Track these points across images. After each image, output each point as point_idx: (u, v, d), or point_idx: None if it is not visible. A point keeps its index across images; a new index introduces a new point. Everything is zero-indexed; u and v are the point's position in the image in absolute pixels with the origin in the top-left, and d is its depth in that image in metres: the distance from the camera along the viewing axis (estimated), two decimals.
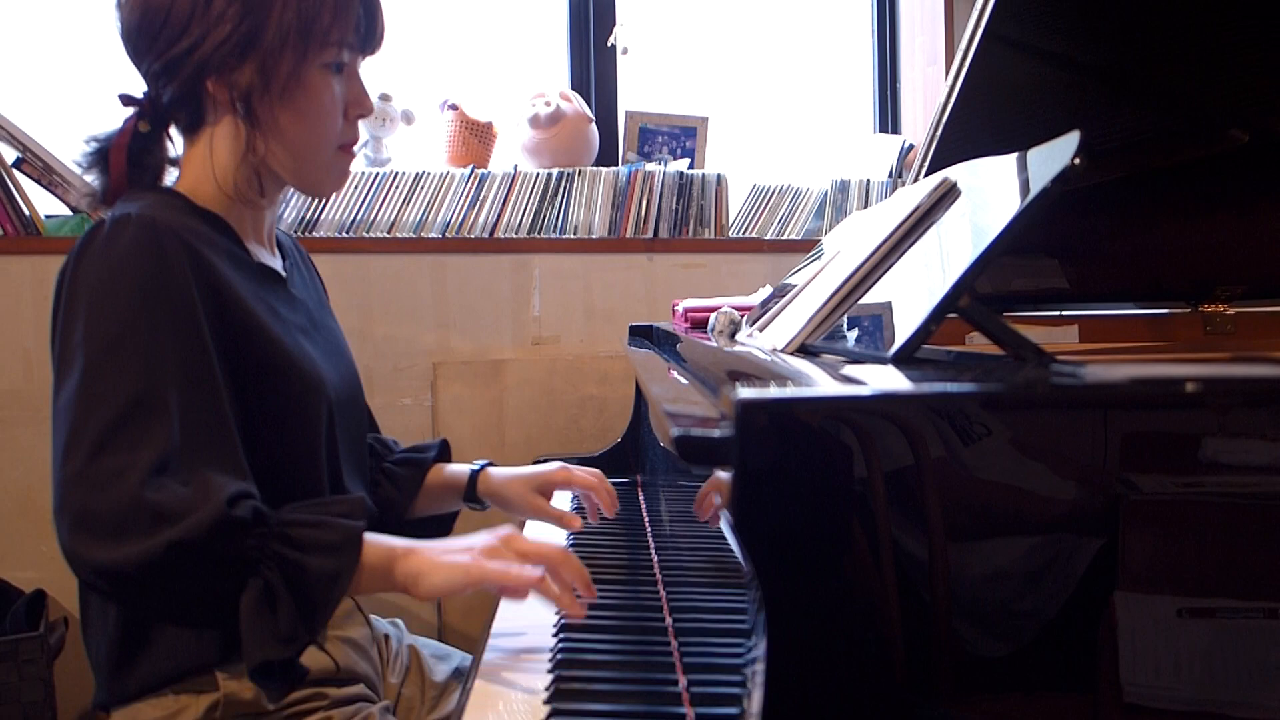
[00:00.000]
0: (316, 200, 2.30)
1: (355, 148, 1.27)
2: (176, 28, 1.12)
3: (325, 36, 1.15)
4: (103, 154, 1.21)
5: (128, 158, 1.20)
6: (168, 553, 0.93)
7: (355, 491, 1.28)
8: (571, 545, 1.45)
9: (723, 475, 0.63)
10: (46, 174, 2.11)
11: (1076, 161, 0.77)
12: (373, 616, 1.39)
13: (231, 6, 1.11)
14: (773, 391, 0.60)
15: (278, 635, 0.96)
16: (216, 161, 1.19)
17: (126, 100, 1.21)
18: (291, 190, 1.29)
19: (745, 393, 0.59)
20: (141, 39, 1.15)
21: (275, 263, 1.29)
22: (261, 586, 0.97)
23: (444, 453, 1.56)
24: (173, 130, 1.24)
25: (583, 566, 1.07)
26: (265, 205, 1.26)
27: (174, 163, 1.24)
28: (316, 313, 1.34)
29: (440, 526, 1.55)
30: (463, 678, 1.39)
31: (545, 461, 1.65)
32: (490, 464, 1.53)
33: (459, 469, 1.53)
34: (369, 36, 1.22)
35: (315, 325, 1.31)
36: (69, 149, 2.13)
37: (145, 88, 1.20)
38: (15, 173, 2.11)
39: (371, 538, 1.06)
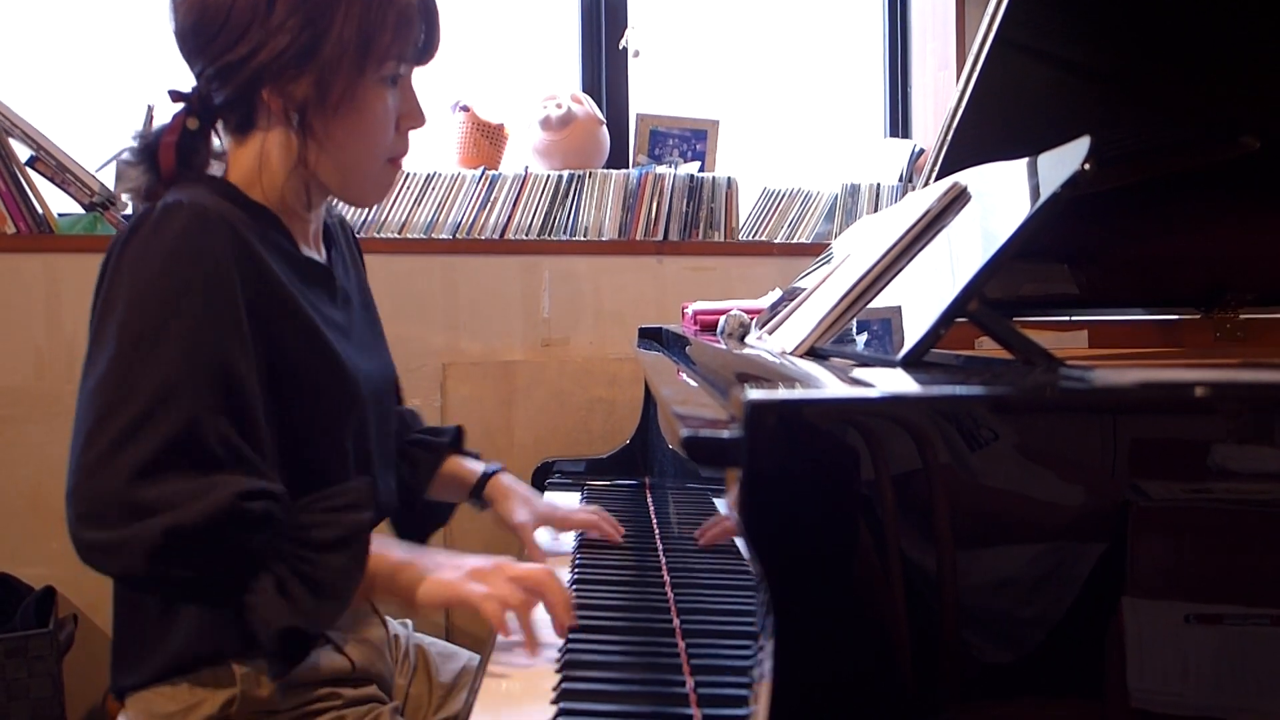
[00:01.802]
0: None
1: (402, 160, 1.25)
2: (234, 33, 1.09)
3: (385, 52, 1.13)
4: (150, 150, 1.19)
5: (176, 151, 1.17)
6: (165, 538, 0.93)
7: (386, 484, 1.30)
8: (581, 547, 1.45)
9: (731, 481, 0.63)
10: (59, 172, 2.12)
11: (1086, 167, 0.77)
12: (388, 619, 1.40)
13: (292, 17, 1.09)
14: (782, 393, 0.60)
15: (291, 610, 0.98)
16: (266, 168, 1.17)
17: (175, 96, 1.18)
18: None
19: (755, 394, 0.59)
20: (196, 40, 1.12)
21: (320, 256, 1.28)
22: (274, 580, 0.98)
23: (458, 440, 1.56)
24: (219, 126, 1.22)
25: (564, 591, 1.08)
26: (311, 214, 1.25)
27: (219, 157, 1.22)
28: (358, 303, 1.34)
29: (442, 513, 1.56)
30: (469, 677, 1.40)
31: (551, 464, 1.64)
32: (501, 469, 1.53)
33: (472, 466, 1.53)
34: (427, 49, 1.20)
35: (354, 321, 1.30)
36: (83, 148, 2.15)
37: (195, 84, 1.18)
38: (29, 171, 2.12)
39: (376, 547, 1.08)
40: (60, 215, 2.18)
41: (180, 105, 1.18)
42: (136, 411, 0.97)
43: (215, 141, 1.22)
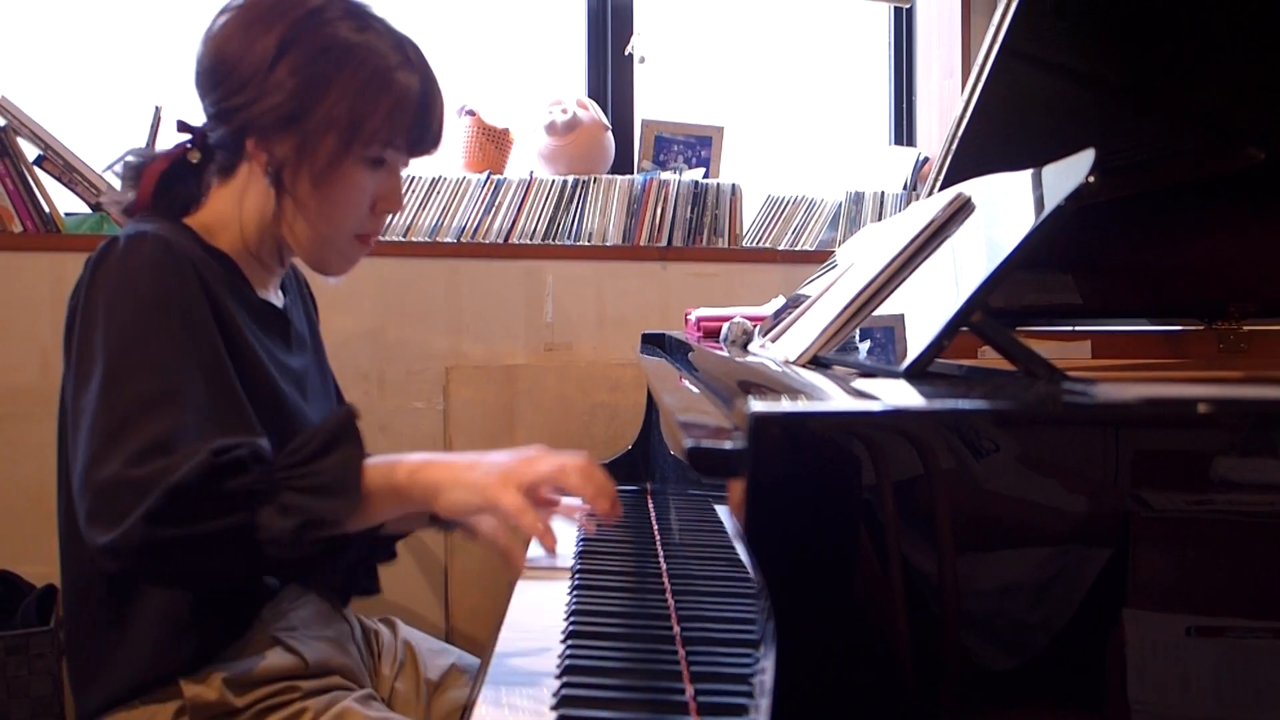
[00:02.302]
0: None
1: (372, 240, 1.27)
2: (237, 82, 1.14)
3: (372, 136, 1.16)
4: (138, 170, 1.23)
5: (158, 181, 1.22)
6: (166, 499, 0.93)
7: None
8: (580, 553, 1.45)
9: (733, 490, 0.63)
10: (67, 172, 2.12)
11: (1090, 180, 0.77)
12: (363, 616, 1.41)
13: (290, 80, 1.13)
14: (786, 405, 0.61)
15: (299, 518, 0.96)
16: (244, 214, 1.21)
17: (182, 126, 1.23)
18: None
19: (758, 406, 0.60)
20: (207, 80, 1.17)
21: (277, 301, 1.30)
22: (275, 507, 0.96)
23: None
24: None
25: (607, 480, 1.02)
26: (279, 268, 1.28)
27: (201, 191, 1.25)
28: (311, 349, 1.36)
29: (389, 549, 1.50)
30: (459, 675, 1.40)
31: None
32: None
33: None
34: (419, 140, 1.23)
35: (307, 368, 1.32)
36: (91, 148, 2.15)
37: (203, 121, 1.22)
38: (37, 170, 2.13)
39: (378, 457, 1.05)
40: (67, 215, 2.19)
41: (185, 135, 1.23)
42: (132, 412, 0.99)
43: (205, 185, 1.24)
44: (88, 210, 2.20)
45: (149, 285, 1.07)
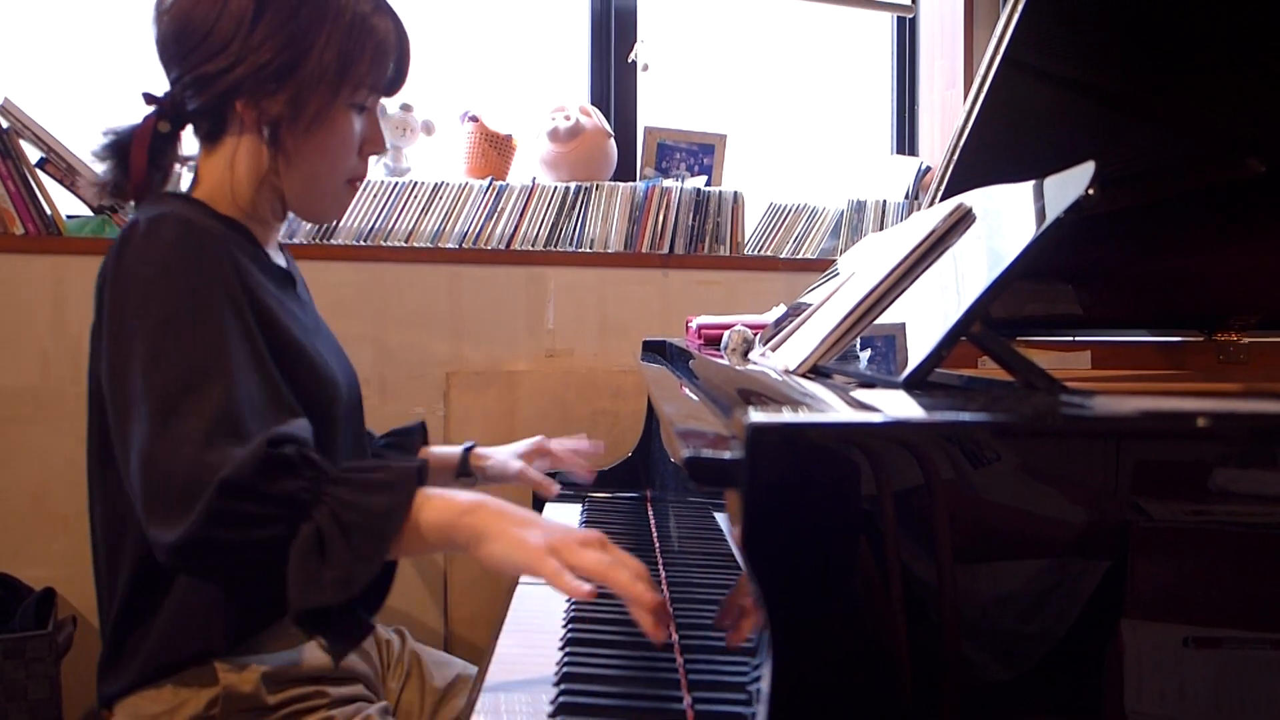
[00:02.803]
0: None
1: (360, 183, 1.31)
2: (215, 45, 1.14)
3: (360, 79, 1.20)
4: (119, 148, 1.24)
5: (149, 155, 1.22)
6: (220, 494, 0.92)
7: None
8: None
9: (731, 500, 0.63)
10: (69, 174, 2.13)
11: (1090, 192, 0.77)
12: (379, 626, 1.41)
13: (274, 36, 1.14)
14: (784, 416, 0.61)
15: (326, 580, 0.93)
16: (236, 177, 1.22)
17: (149, 99, 1.23)
18: None
19: (757, 416, 0.60)
20: (177, 48, 1.17)
21: (283, 263, 1.33)
22: (313, 531, 0.94)
23: (424, 433, 1.66)
24: (187, 133, 1.26)
25: (654, 595, 0.91)
26: (278, 221, 1.30)
27: (184, 162, 1.27)
28: (316, 314, 1.39)
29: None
30: (464, 685, 1.41)
31: (553, 474, 1.70)
32: (475, 444, 1.64)
33: (448, 449, 1.65)
34: (395, 82, 1.28)
35: (319, 326, 1.35)
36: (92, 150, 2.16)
37: (169, 90, 1.22)
38: (39, 172, 2.13)
39: (434, 490, 1.02)
40: (69, 217, 2.19)
41: (152, 107, 1.23)
42: (175, 398, 0.99)
43: (182, 150, 1.27)
44: (89, 213, 2.20)
45: (179, 265, 1.07)
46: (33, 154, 2.12)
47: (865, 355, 0.97)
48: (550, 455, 1.67)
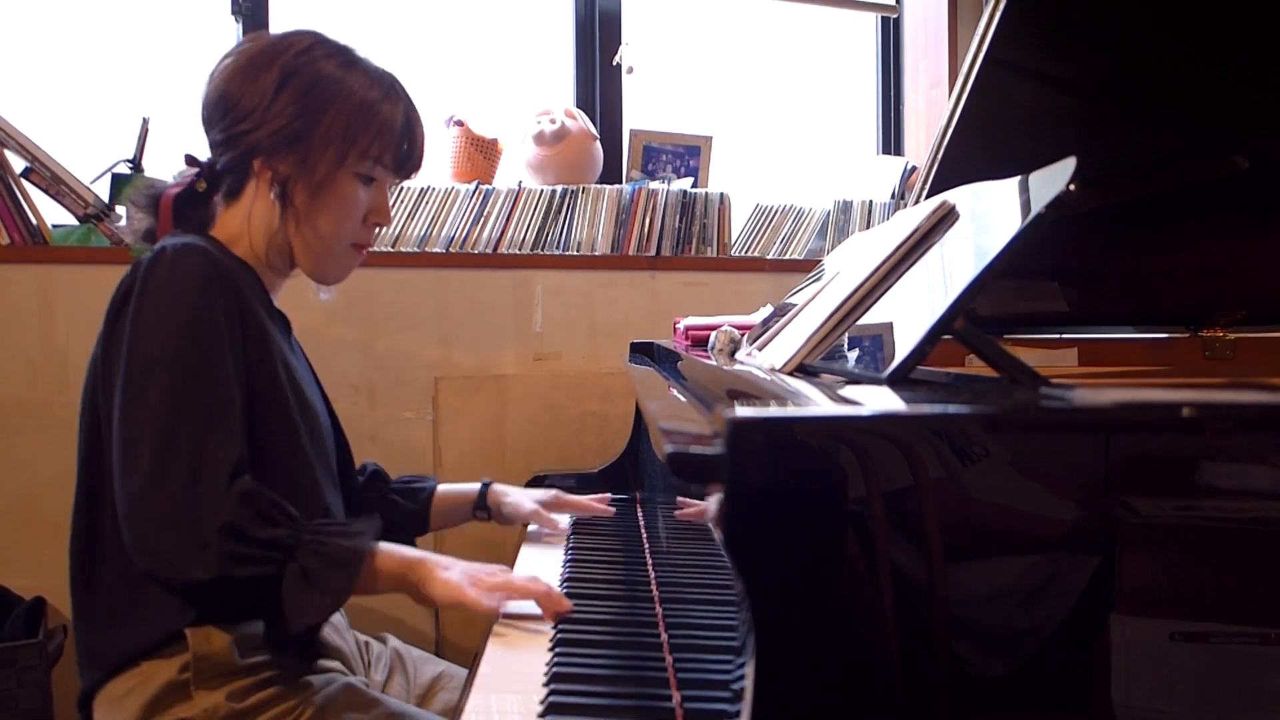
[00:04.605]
0: None
1: (364, 250, 1.43)
2: (243, 111, 1.30)
3: (363, 152, 1.33)
4: (155, 199, 1.38)
5: (174, 208, 1.36)
6: (230, 538, 1.08)
7: (335, 504, 1.40)
8: (570, 560, 1.46)
9: (715, 493, 0.63)
10: (54, 184, 2.12)
11: (1071, 187, 0.78)
12: (357, 631, 1.47)
13: (291, 106, 1.29)
14: (763, 410, 0.61)
15: (314, 604, 1.11)
16: (252, 228, 1.35)
17: (191, 160, 1.39)
18: None
19: (738, 411, 0.60)
20: (214, 112, 1.33)
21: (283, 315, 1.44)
22: (299, 569, 1.11)
23: (433, 491, 1.73)
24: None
25: (550, 589, 1.21)
26: (285, 275, 1.42)
27: (210, 216, 1.39)
28: (307, 362, 1.50)
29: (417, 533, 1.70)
30: (447, 681, 1.44)
31: (543, 478, 1.72)
32: (491, 482, 1.73)
33: (465, 486, 1.73)
34: (405, 162, 1.40)
35: (306, 370, 1.46)
36: (77, 160, 2.15)
37: (209, 154, 1.36)
38: (23, 182, 2.12)
39: (387, 546, 1.22)
40: (54, 226, 2.18)
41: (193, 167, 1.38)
42: (194, 436, 1.13)
43: (215, 208, 1.39)
44: (75, 222, 2.19)
45: (200, 300, 1.19)
46: (17, 164, 2.12)
47: (852, 354, 0.98)
48: (567, 506, 1.75)
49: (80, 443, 1.25)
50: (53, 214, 2.19)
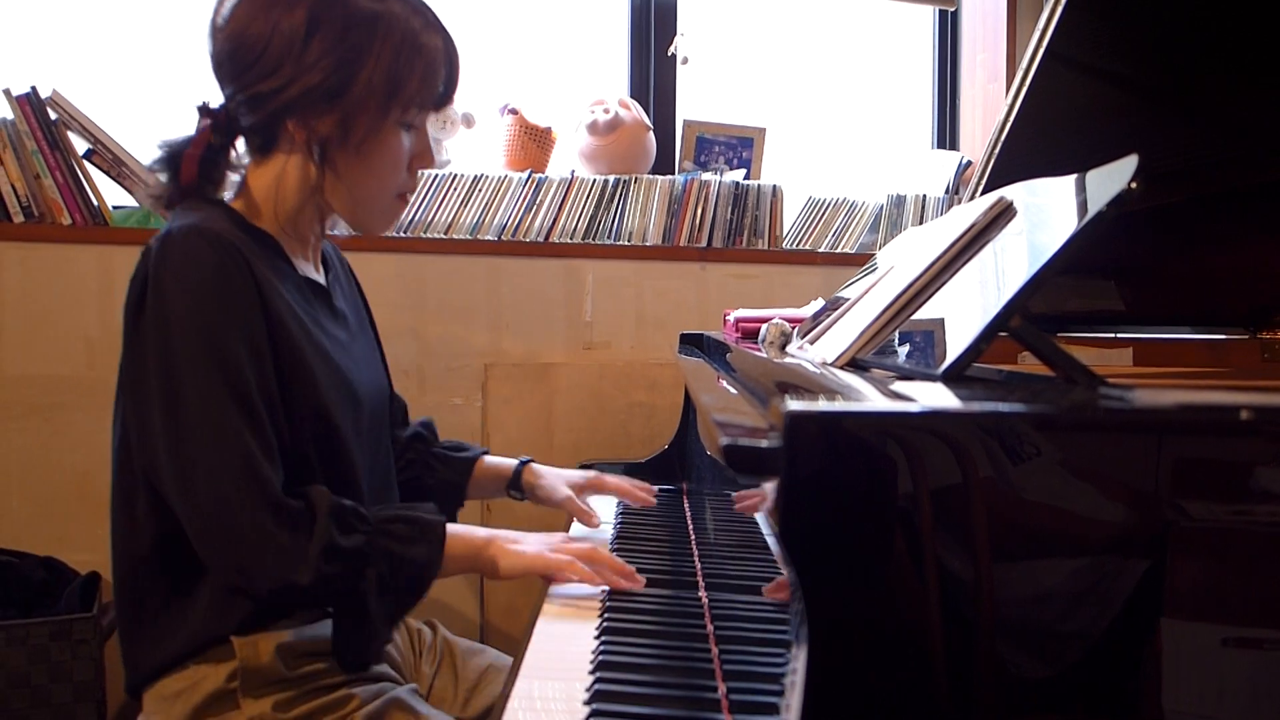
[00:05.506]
0: None
1: (410, 195, 1.33)
2: (268, 66, 1.15)
3: (410, 99, 1.20)
4: (174, 159, 1.24)
5: (200, 167, 1.23)
6: (322, 560, 1.07)
7: (369, 485, 1.35)
8: (616, 550, 1.46)
9: (769, 486, 0.64)
10: (116, 166, 2.16)
11: (1133, 186, 0.77)
12: (406, 619, 1.45)
13: (326, 57, 1.15)
14: (822, 405, 0.61)
15: (388, 620, 1.14)
16: (283, 192, 1.24)
17: (204, 111, 1.24)
18: None
19: (794, 405, 0.60)
20: (232, 67, 1.19)
21: (319, 277, 1.33)
22: (376, 577, 1.11)
23: (477, 458, 1.67)
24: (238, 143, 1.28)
25: (618, 561, 1.25)
26: (317, 240, 1.32)
27: (235, 170, 1.27)
28: (355, 323, 1.40)
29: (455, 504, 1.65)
30: (495, 674, 1.42)
31: (591, 467, 1.71)
32: (531, 460, 1.65)
33: (504, 460, 1.65)
34: (445, 96, 1.27)
35: (353, 337, 1.36)
36: (139, 143, 2.19)
37: (223, 104, 1.23)
38: (86, 164, 2.16)
39: (456, 529, 1.22)
40: (115, 208, 2.22)
41: (206, 120, 1.24)
42: (241, 450, 1.09)
43: (233, 159, 1.28)
44: (135, 204, 2.23)
45: (223, 299, 1.11)
46: (80, 145, 2.15)
47: (904, 349, 0.97)
48: (607, 488, 1.66)
49: (113, 440, 1.20)
50: (114, 195, 2.22)
